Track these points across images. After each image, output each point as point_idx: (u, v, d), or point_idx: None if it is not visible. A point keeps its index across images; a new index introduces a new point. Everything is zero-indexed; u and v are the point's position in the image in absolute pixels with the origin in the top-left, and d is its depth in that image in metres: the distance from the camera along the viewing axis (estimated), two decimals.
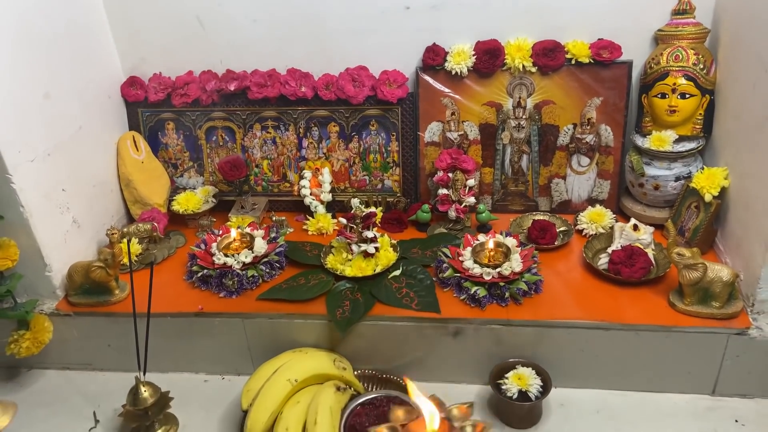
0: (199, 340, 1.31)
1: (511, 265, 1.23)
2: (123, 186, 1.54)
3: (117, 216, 1.55)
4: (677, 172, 1.36)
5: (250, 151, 1.59)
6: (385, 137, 1.53)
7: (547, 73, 1.42)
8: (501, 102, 1.47)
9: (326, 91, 1.50)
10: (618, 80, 1.40)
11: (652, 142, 1.36)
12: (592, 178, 1.49)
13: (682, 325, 1.15)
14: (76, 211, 1.38)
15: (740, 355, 1.15)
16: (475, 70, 1.44)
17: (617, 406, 1.19)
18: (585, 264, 1.31)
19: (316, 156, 1.57)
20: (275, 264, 1.34)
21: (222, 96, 1.54)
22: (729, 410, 1.17)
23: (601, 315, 1.18)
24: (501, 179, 1.53)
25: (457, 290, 1.25)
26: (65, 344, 1.34)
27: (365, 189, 1.58)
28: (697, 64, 1.32)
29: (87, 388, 1.33)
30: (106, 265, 1.27)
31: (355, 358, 1.26)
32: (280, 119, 1.55)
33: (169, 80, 1.55)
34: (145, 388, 1.15)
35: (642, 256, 1.24)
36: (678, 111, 1.34)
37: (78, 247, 1.38)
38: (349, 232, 1.31)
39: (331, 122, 1.54)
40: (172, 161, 1.62)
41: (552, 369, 1.18)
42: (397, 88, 1.47)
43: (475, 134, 1.50)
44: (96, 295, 1.31)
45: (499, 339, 1.20)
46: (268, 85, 1.51)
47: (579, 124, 1.45)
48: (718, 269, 1.14)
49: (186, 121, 1.58)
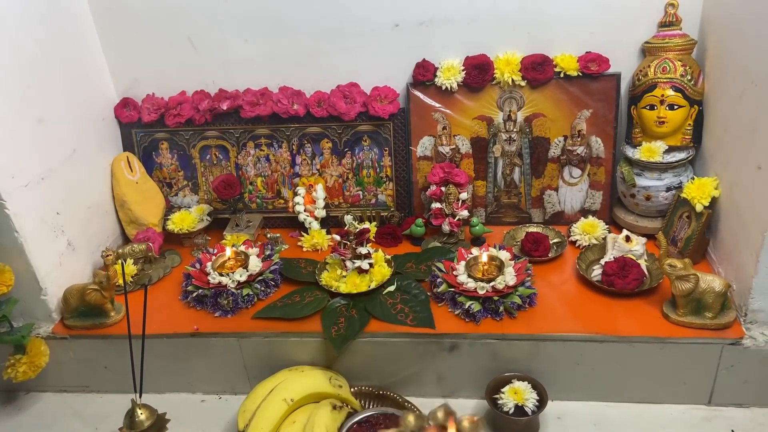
0: (196, 360, 1.31)
1: (505, 279, 1.23)
2: (118, 207, 1.55)
3: (112, 237, 1.55)
4: (668, 183, 1.37)
5: (243, 168, 1.60)
6: (378, 152, 1.54)
7: (537, 86, 1.43)
8: (491, 116, 1.48)
9: (318, 108, 1.51)
10: (607, 92, 1.41)
11: (643, 153, 1.37)
12: (584, 189, 1.50)
13: (676, 336, 1.15)
14: (71, 234, 1.39)
15: (735, 364, 1.15)
16: (465, 84, 1.45)
17: (614, 418, 1.19)
18: (579, 276, 1.32)
19: (310, 172, 1.58)
20: (270, 282, 1.35)
21: (215, 115, 1.55)
22: (725, 420, 1.17)
23: (595, 327, 1.18)
24: (494, 192, 1.54)
25: (451, 305, 1.25)
26: (62, 367, 1.34)
27: (359, 204, 1.59)
28: (684, 76, 1.33)
29: (84, 410, 1.33)
30: (102, 288, 1.27)
31: (352, 375, 1.26)
32: (273, 137, 1.56)
33: (162, 101, 1.56)
34: (142, 410, 1.14)
35: (635, 267, 1.24)
36: (667, 122, 1.35)
37: (73, 269, 1.39)
38: (343, 248, 1.32)
39: (324, 138, 1.54)
40: (166, 180, 1.62)
41: (548, 382, 1.18)
42: (388, 104, 1.48)
43: (466, 148, 1.51)
44: (92, 318, 1.31)
45: (494, 353, 1.21)
46: (261, 103, 1.52)
47: (570, 136, 1.46)
48: (710, 280, 1.14)
49: (180, 140, 1.59)
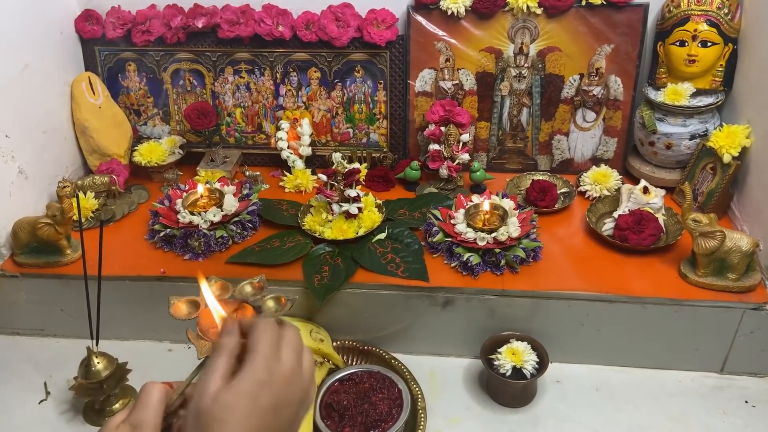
0: (163, 306, 1.18)
1: (508, 230, 1.11)
2: (78, 134, 1.38)
3: (73, 167, 1.40)
4: (692, 130, 1.23)
5: (221, 97, 1.43)
6: (372, 85, 1.38)
7: (554, 15, 1.27)
8: (501, 48, 1.32)
9: (306, 31, 1.34)
10: (632, 25, 1.26)
11: (667, 96, 1.23)
12: (597, 136, 1.36)
13: (694, 299, 1.05)
14: (23, 161, 1.23)
15: (754, 331, 1.06)
16: (473, 10, 1.29)
17: (618, 383, 1.10)
18: (588, 229, 1.20)
19: (295, 105, 1.42)
20: (247, 224, 1.22)
21: (189, 34, 1.37)
22: (738, 390, 1.08)
23: (604, 286, 1.07)
24: (498, 135, 1.40)
25: (447, 256, 1.13)
26: (13, 308, 1.21)
27: (349, 143, 1.44)
28: (721, 9, 1.18)
29: (39, 355, 1.21)
30: (55, 222, 1.13)
31: (334, 329, 1.15)
32: (254, 62, 1.39)
33: (129, 15, 1.38)
34: (99, 359, 1.03)
35: (652, 221, 1.12)
36: (698, 61, 1.20)
37: (25, 200, 1.24)
38: (329, 190, 1.18)
39: (312, 67, 1.38)
40: (134, 107, 1.46)
41: (549, 343, 1.08)
42: (385, 30, 1.32)
43: (471, 84, 1.36)
44: (45, 255, 1.18)
45: (492, 310, 1.10)
46: (241, 22, 1.34)
47: (586, 75, 1.32)
48: (737, 238, 1.03)
49: (149, 62, 1.41)
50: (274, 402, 0.51)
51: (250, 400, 0.50)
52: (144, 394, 0.58)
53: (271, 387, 0.51)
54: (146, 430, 0.56)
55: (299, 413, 0.54)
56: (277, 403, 0.51)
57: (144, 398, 0.58)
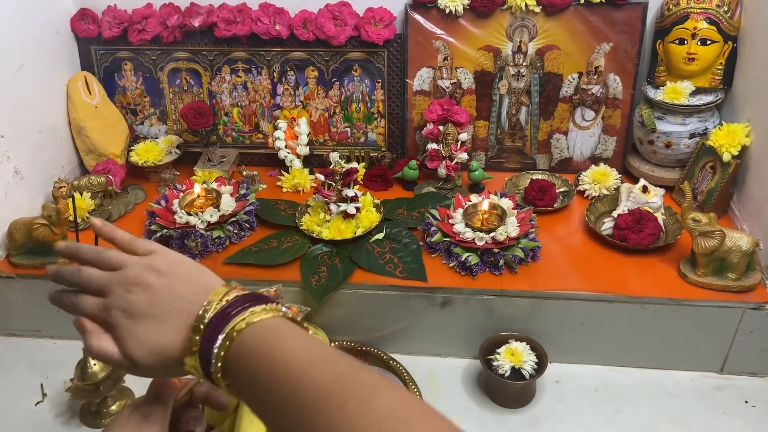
0: None
1: (507, 230, 1.10)
2: (75, 134, 1.38)
3: (69, 167, 1.39)
4: (692, 129, 1.23)
5: (218, 97, 1.42)
6: (370, 84, 1.37)
7: (553, 13, 1.27)
8: (499, 46, 1.31)
9: (304, 30, 1.33)
10: (631, 23, 1.25)
11: (666, 94, 1.22)
12: (596, 134, 1.36)
13: (694, 299, 1.04)
14: (18, 161, 1.23)
15: (754, 331, 1.05)
16: (471, 8, 1.28)
17: (617, 383, 1.09)
18: (587, 229, 1.19)
19: (293, 104, 1.41)
20: (244, 224, 1.21)
21: (185, 33, 1.36)
22: (738, 389, 1.08)
23: (604, 286, 1.07)
24: (496, 134, 1.39)
25: (446, 256, 1.12)
26: (10, 308, 1.21)
27: (346, 142, 1.43)
28: (720, 6, 1.18)
29: (35, 356, 1.21)
30: (51, 223, 1.12)
31: (332, 329, 1.14)
32: (251, 61, 1.38)
33: (125, 14, 1.37)
34: (95, 361, 1.03)
35: (651, 221, 1.12)
36: (697, 59, 1.20)
37: (21, 201, 1.23)
38: (327, 189, 1.17)
39: (310, 66, 1.37)
40: (130, 107, 1.45)
41: (548, 343, 1.07)
42: (383, 28, 1.31)
43: (469, 83, 1.35)
44: (41, 256, 1.17)
45: (491, 310, 1.09)
46: (238, 21, 1.34)
47: (585, 73, 1.31)
48: (737, 237, 1.02)
49: (145, 61, 1.40)
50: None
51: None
52: (155, 387, 0.59)
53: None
54: (156, 421, 0.58)
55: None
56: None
57: (154, 390, 0.59)
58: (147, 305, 0.50)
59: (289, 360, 0.45)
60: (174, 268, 0.52)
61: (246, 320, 0.47)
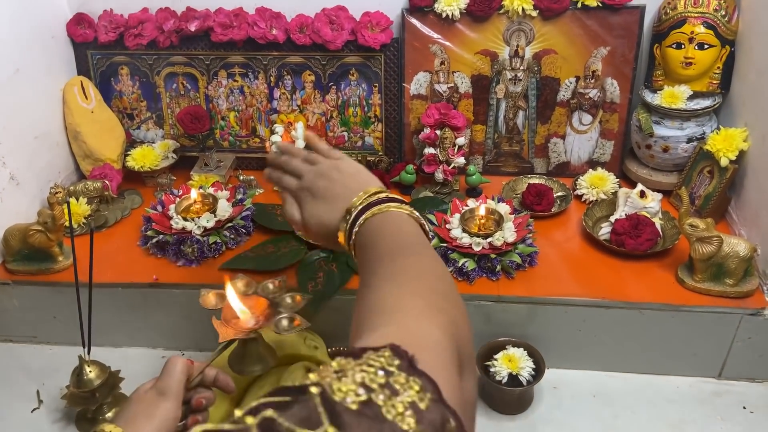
0: (156, 313, 1.18)
1: (504, 235, 1.10)
2: (71, 139, 1.37)
3: (65, 172, 1.38)
4: (690, 133, 1.22)
5: (214, 101, 1.42)
6: (367, 89, 1.37)
7: (550, 17, 1.26)
8: (496, 51, 1.31)
9: (300, 34, 1.33)
10: (628, 27, 1.25)
11: (664, 99, 1.22)
12: (594, 138, 1.35)
13: (691, 304, 1.04)
14: (14, 167, 1.22)
15: (752, 336, 1.05)
16: (468, 12, 1.28)
17: (615, 389, 1.09)
18: (584, 233, 1.19)
19: (290, 108, 1.41)
20: (241, 229, 1.20)
21: (182, 37, 1.36)
22: (736, 395, 1.08)
23: (601, 292, 1.06)
24: (494, 138, 1.39)
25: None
26: (6, 315, 1.20)
27: (343, 146, 1.43)
28: (718, 10, 1.17)
29: (31, 363, 1.20)
30: (47, 229, 1.12)
31: (329, 335, 1.13)
32: (248, 66, 1.38)
33: (121, 18, 1.36)
34: (91, 368, 1.02)
35: (649, 226, 1.11)
36: (695, 63, 1.19)
37: (17, 207, 1.23)
38: None
39: (306, 70, 1.37)
40: (127, 111, 1.44)
41: (545, 349, 1.07)
42: (380, 33, 1.30)
43: (466, 87, 1.34)
44: (37, 262, 1.16)
45: (488, 316, 1.09)
46: (235, 26, 1.33)
47: (582, 77, 1.30)
48: (735, 243, 1.02)
49: (142, 65, 1.40)
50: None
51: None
52: (170, 365, 0.70)
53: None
54: (171, 396, 0.68)
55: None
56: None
57: (169, 368, 0.69)
58: (326, 190, 0.70)
59: (382, 235, 0.63)
60: (351, 170, 0.72)
61: (375, 210, 0.65)
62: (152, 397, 0.67)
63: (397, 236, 0.62)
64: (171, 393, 0.67)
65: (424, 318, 0.49)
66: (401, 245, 0.61)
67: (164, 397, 0.67)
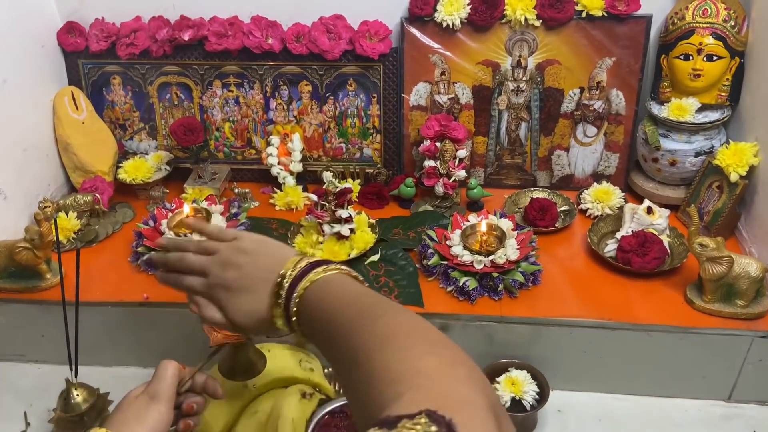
0: (147, 332, 1.14)
1: (506, 253, 1.06)
2: (61, 150, 1.34)
3: (55, 185, 1.35)
4: (698, 147, 1.19)
5: (209, 111, 1.38)
6: (365, 99, 1.33)
7: (553, 27, 1.23)
8: (498, 61, 1.27)
9: (297, 43, 1.29)
10: (634, 38, 1.21)
11: (671, 111, 1.18)
12: (598, 151, 1.32)
13: (701, 326, 1.00)
14: (2, 181, 1.19)
15: (763, 359, 1.01)
16: (469, 22, 1.24)
17: (622, 412, 1.06)
18: (589, 250, 1.15)
19: (286, 119, 1.37)
20: None
21: (175, 47, 1.32)
22: (746, 419, 1.04)
23: (608, 313, 1.03)
24: (495, 150, 1.35)
25: (443, 280, 1.08)
26: None
27: (341, 158, 1.39)
28: (727, 21, 1.14)
29: (19, 382, 1.16)
30: (34, 246, 1.08)
31: None
32: (243, 75, 1.34)
33: (113, 27, 1.33)
34: (78, 391, 0.99)
35: (656, 243, 1.08)
36: (703, 75, 1.16)
37: (4, 222, 1.19)
38: (320, 210, 1.14)
39: (303, 80, 1.33)
40: (119, 122, 1.41)
41: (550, 370, 1.03)
42: (378, 42, 1.27)
43: (467, 98, 1.31)
44: (24, 280, 1.13)
45: (490, 337, 1.05)
46: (229, 35, 1.30)
47: (587, 89, 1.27)
48: (746, 263, 0.98)
49: (134, 75, 1.36)
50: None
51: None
52: (161, 369, 0.69)
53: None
54: (162, 400, 0.67)
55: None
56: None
57: (161, 372, 0.69)
58: (240, 279, 0.61)
59: (333, 304, 0.56)
60: (256, 247, 0.63)
61: (309, 279, 0.57)
62: (144, 401, 0.66)
63: (353, 300, 0.55)
64: (163, 397, 0.66)
65: (445, 377, 0.45)
66: (364, 307, 0.54)
67: (156, 401, 0.66)
